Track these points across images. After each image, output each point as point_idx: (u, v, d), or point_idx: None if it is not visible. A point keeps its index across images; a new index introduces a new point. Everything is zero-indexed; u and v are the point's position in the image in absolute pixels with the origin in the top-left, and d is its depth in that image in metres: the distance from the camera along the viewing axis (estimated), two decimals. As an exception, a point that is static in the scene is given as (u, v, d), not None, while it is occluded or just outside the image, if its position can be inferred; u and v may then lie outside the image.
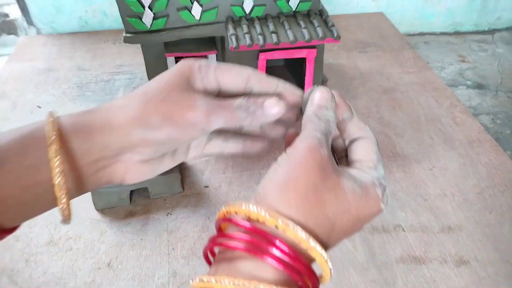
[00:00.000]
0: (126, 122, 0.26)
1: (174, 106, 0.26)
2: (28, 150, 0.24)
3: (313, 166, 0.25)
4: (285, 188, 0.24)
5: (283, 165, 0.25)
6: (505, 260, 0.55)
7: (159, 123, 0.26)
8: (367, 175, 0.27)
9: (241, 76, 0.29)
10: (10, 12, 1.13)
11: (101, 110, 0.27)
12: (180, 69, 0.28)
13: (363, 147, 0.29)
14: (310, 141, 0.25)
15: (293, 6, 0.64)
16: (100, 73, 0.93)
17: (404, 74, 0.92)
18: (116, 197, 0.61)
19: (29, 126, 0.25)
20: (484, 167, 0.69)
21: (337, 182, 0.25)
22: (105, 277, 0.53)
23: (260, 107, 0.27)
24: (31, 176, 0.24)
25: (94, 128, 0.26)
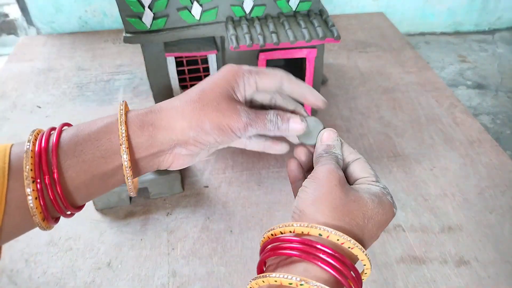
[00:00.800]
0: (186, 125, 0.31)
1: (223, 116, 0.31)
2: (101, 144, 0.30)
3: (336, 184, 0.30)
4: (317, 203, 0.30)
5: (310, 187, 0.31)
6: (505, 261, 0.55)
7: (210, 129, 0.31)
8: (375, 187, 0.32)
9: (276, 80, 0.34)
10: (10, 12, 1.13)
11: (164, 111, 0.32)
12: (226, 77, 0.33)
13: (360, 167, 0.34)
14: (329, 166, 0.32)
15: (293, 6, 0.64)
16: (100, 73, 0.93)
17: (404, 74, 0.92)
18: (116, 197, 0.61)
19: (103, 120, 0.31)
20: (485, 167, 0.69)
21: (357, 194, 0.30)
22: (105, 277, 0.53)
23: (287, 123, 0.33)
24: (101, 166, 0.30)
25: (157, 127, 0.31)
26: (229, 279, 0.53)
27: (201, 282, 0.53)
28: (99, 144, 0.30)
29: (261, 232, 0.58)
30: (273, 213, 0.61)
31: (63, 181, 0.29)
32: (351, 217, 0.29)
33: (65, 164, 0.29)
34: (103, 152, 0.30)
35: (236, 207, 0.62)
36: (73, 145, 0.29)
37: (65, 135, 0.30)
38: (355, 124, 0.78)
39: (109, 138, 0.30)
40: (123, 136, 0.30)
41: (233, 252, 0.56)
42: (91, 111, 0.82)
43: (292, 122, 0.34)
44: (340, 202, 0.30)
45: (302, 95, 0.35)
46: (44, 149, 0.29)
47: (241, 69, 0.33)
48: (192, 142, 0.32)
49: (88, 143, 0.29)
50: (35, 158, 0.28)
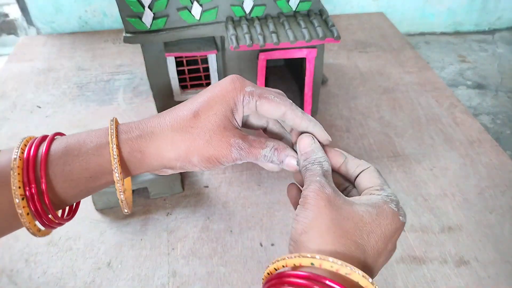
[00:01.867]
0: (173, 157, 0.31)
1: (214, 151, 0.31)
2: (91, 167, 0.30)
3: (324, 205, 0.28)
4: (308, 229, 0.28)
5: (300, 214, 0.29)
6: (505, 261, 0.55)
7: (197, 162, 0.31)
8: (377, 196, 0.30)
9: (278, 111, 0.32)
10: (10, 12, 1.13)
11: (154, 137, 0.31)
12: (225, 98, 0.31)
13: (366, 177, 0.32)
14: (313, 186, 0.29)
15: (293, 6, 0.64)
16: (100, 73, 0.93)
17: (404, 74, 0.92)
18: (116, 197, 0.61)
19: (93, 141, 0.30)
20: (485, 167, 0.69)
21: (351, 210, 0.28)
22: (105, 277, 0.53)
23: (282, 160, 0.32)
24: (89, 184, 0.30)
25: (146, 154, 0.31)
26: (229, 279, 0.53)
27: (201, 282, 0.53)
28: (88, 167, 0.30)
29: (261, 232, 0.58)
30: (273, 213, 0.61)
31: (50, 192, 0.29)
32: (347, 237, 0.27)
33: (53, 179, 0.29)
34: (92, 174, 0.30)
35: (236, 207, 0.62)
36: (61, 163, 0.29)
37: (55, 148, 0.30)
38: (355, 124, 0.78)
39: (98, 161, 0.30)
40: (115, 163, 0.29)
41: (233, 252, 0.56)
42: (91, 111, 0.82)
43: (287, 161, 0.32)
44: (332, 223, 0.27)
45: (305, 129, 0.33)
46: (33, 157, 0.29)
47: (243, 90, 0.32)
48: (178, 169, 0.32)
49: (76, 164, 0.29)
50: (23, 167, 0.28)
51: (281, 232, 0.58)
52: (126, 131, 0.31)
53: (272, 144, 0.32)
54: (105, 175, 0.30)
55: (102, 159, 0.30)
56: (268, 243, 0.57)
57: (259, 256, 0.55)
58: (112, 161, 0.29)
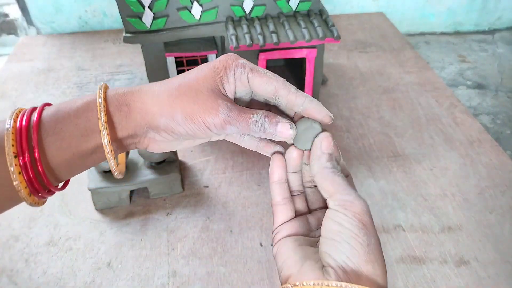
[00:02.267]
0: (157, 111, 0.30)
1: (198, 108, 0.29)
2: (80, 122, 0.29)
3: (377, 233, 0.28)
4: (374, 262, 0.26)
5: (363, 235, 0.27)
6: (505, 261, 0.55)
7: (181, 120, 0.29)
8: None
9: (270, 86, 0.30)
10: (10, 12, 1.13)
11: (141, 93, 0.30)
12: (217, 66, 0.30)
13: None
14: (365, 205, 0.28)
15: (293, 6, 0.64)
16: (100, 73, 0.93)
17: (404, 74, 0.92)
18: (116, 197, 0.61)
19: (83, 99, 0.30)
20: (485, 167, 0.69)
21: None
22: (105, 277, 0.53)
23: (274, 127, 0.30)
24: (81, 144, 0.29)
25: (132, 109, 0.30)
26: (229, 279, 0.53)
27: (201, 282, 0.53)
28: (78, 122, 0.29)
29: (261, 232, 0.58)
30: (273, 213, 0.61)
31: (43, 159, 0.29)
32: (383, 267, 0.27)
33: (46, 141, 0.29)
34: (82, 131, 0.29)
35: (236, 207, 0.62)
36: (53, 123, 0.29)
37: (46, 114, 0.29)
38: (355, 124, 0.78)
39: (87, 116, 0.29)
40: (102, 112, 0.29)
41: (233, 252, 0.56)
42: (91, 111, 0.82)
43: (280, 127, 0.30)
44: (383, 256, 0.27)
45: (303, 108, 0.30)
46: (25, 127, 0.28)
47: (235, 61, 0.30)
48: (163, 129, 0.30)
49: (67, 121, 0.29)
50: (16, 135, 0.28)
51: (281, 232, 0.58)
52: (114, 90, 0.31)
53: (262, 111, 0.30)
54: (95, 134, 0.29)
55: (91, 114, 0.29)
56: (268, 243, 0.57)
57: (259, 256, 0.55)
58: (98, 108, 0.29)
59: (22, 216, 0.61)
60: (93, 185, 0.59)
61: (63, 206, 0.62)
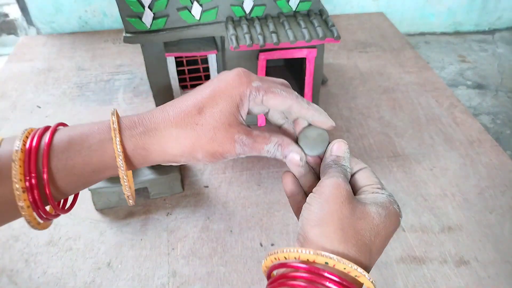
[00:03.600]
0: (178, 153, 0.31)
1: (217, 147, 0.31)
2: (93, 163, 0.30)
3: (342, 201, 0.29)
4: (323, 224, 0.28)
5: (314, 204, 0.29)
6: (505, 261, 0.55)
7: (202, 158, 0.31)
8: (382, 195, 0.31)
9: (285, 104, 0.32)
10: (10, 12, 1.13)
11: (158, 133, 0.30)
12: (231, 96, 0.31)
13: (364, 175, 0.33)
14: (335, 179, 0.30)
15: (293, 6, 0.64)
16: (100, 73, 0.93)
17: (404, 74, 0.92)
18: (116, 197, 0.61)
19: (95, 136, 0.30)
20: (485, 167, 0.69)
21: (364, 210, 0.29)
22: (105, 277, 0.53)
23: (285, 156, 0.32)
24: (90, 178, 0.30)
25: (150, 151, 0.31)
26: (229, 279, 0.53)
27: (201, 282, 0.53)
28: (91, 162, 0.29)
29: (261, 232, 0.58)
30: (273, 213, 0.61)
31: (52, 183, 0.29)
32: (358, 238, 0.28)
33: (56, 176, 0.29)
34: (95, 168, 0.30)
35: (236, 207, 0.62)
36: (64, 159, 0.29)
37: (57, 141, 0.29)
38: (355, 124, 0.78)
39: (101, 157, 0.30)
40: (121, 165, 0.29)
41: (233, 252, 0.56)
42: (91, 111, 0.82)
43: (290, 157, 0.32)
44: (347, 222, 0.28)
45: (311, 118, 0.33)
46: (35, 149, 0.28)
47: (249, 85, 0.31)
48: (182, 163, 0.32)
49: (79, 160, 0.29)
50: (25, 158, 0.28)
51: (281, 232, 0.58)
52: (129, 127, 0.30)
53: (276, 139, 0.32)
54: (108, 170, 0.30)
55: (105, 155, 0.30)
56: (268, 243, 0.57)
57: (259, 256, 0.55)
58: (117, 158, 0.29)
59: (22, 216, 0.61)
60: (93, 185, 0.59)
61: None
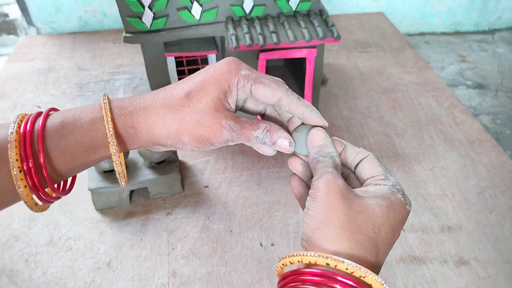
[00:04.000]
0: (164, 135, 0.31)
1: (203, 131, 0.31)
2: (86, 141, 0.30)
3: (337, 198, 0.28)
4: (322, 226, 0.28)
5: (312, 208, 0.29)
6: (505, 261, 0.55)
7: (188, 141, 0.31)
8: (383, 186, 0.30)
9: (274, 96, 0.32)
10: (10, 12, 1.13)
11: (146, 113, 0.31)
12: (219, 81, 0.31)
13: (368, 165, 0.32)
14: (325, 177, 0.29)
15: (293, 6, 0.64)
16: (100, 73, 0.93)
17: (404, 74, 0.92)
18: (116, 197, 0.61)
19: (87, 115, 0.30)
20: (485, 167, 0.69)
21: (362, 203, 0.29)
22: (105, 277, 0.53)
23: (274, 141, 0.32)
24: (84, 158, 0.31)
25: (138, 130, 0.31)
26: (229, 279, 0.53)
27: (201, 282, 0.53)
28: (84, 141, 0.30)
29: (261, 232, 0.58)
30: (273, 213, 0.61)
31: (48, 166, 0.29)
32: (361, 233, 0.28)
33: (50, 156, 0.29)
34: (87, 147, 0.30)
35: (236, 207, 0.62)
36: (57, 139, 0.30)
37: (50, 123, 0.30)
38: (355, 124, 0.78)
39: (92, 135, 0.30)
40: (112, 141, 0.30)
41: (233, 252, 0.56)
42: (91, 111, 0.82)
43: (280, 143, 0.32)
44: (346, 219, 0.28)
45: (302, 115, 0.33)
46: (29, 132, 0.29)
47: (238, 73, 0.31)
48: (169, 147, 0.32)
49: (72, 139, 0.30)
50: (20, 140, 0.28)
51: (281, 232, 0.58)
52: (119, 107, 0.31)
53: (265, 125, 0.31)
54: (100, 149, 0.31)
55: (97, 134, 0.30)
56: (268, 243, 0.57)
57: (259, 256, 0.55)
58: (108, 134, 0.30)
59: (22, 216, 0.61)
60: (93, 185, 0.59)
61: (63, 206, 0.62)
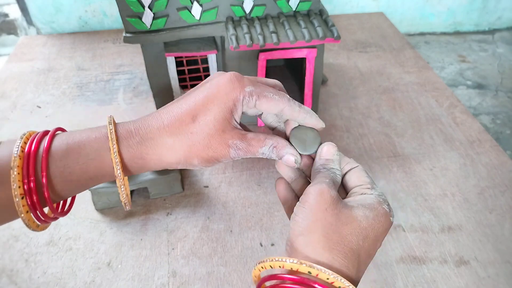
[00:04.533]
0: (174, 162, 0.32)
1: (213, 154, 0.31)
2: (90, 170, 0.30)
3: (326, 207, 0.29)
4: (306, 232, 0.28)
5: (300, 214, 0.29)
6: (505, 260, 0.55)
7: (197, 164, 0.32)
8: (370, 195, 0.31)
9: (277, 108, 0.33)
10: (10, 12, 1.13)
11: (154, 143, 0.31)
12: (224, 100, 0.31)
13: (355, 175, 0.33)
14: (319, 186, 0.30)
15: (293, 6, 0.64)
16: (100, 73, 0.93)
17: (404, 74, 0.92)
18: (116, 197, 0.61)
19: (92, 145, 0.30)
20: (485, 167, 0.69)
21: (350, 214, 0.29)
22: (105, 277, 0.53)
23: (281, 157, 0.32)
24: (87, 184, 0.31)
25: (147, 160, 0.31)
26: (229, 279, 0.53)
27: (201, 282, 0.53)
28: (89, 170, 0.30)
29: (261, 232, 0.58)
30: (273, 213, 0.61)
31: (49, 188, 0.29)
32: (344, 244, 0.28)
33: (53, 178, 0.29)
34: (92, 176, 0.30)
35: (236, 207, 0.62)
36: (62, 166, 0.29)
37: (55, 147, 0.30)
38: (355, 124, 0.78)
39: (98, 165, 0.30)
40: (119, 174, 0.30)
41: (233, 252, 0.56)
42: (91, 111, 0.82)
43: (286, 159, 0.32)
44: (331, 229, 0.28)
45: (303, 121, 0.34)
46: (34, 153, 0.29)
47: (242, 90, 0.31)
48: (178, 168, 0.33)
49: (76, 167, 0.30)
50: (23, 161, 0.29)
51: (281, 232, 0.58)
52: (126, 137, 0.31)
53: (271, 142, 0.32)
54: (105, 177, 0.31)
55: (103, 164, 0.30)
56: (268, 243, 0.57)
57: (259, 256, 0.55)
58: (115, 168, 0.30)
59: (22, 216, 0.61)
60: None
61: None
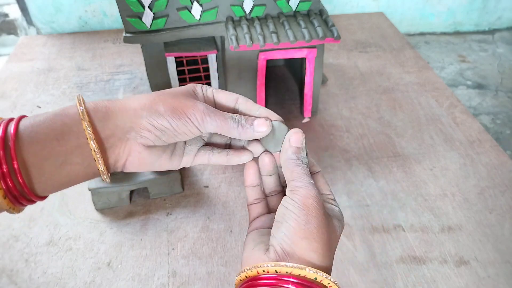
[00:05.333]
0: (138, 107, 0.31)
1: (179, 103, 0.31)
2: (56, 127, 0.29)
3: (322, 215, 0.29)
4: (310, 238, 0.29)
5: (302, 216, 0.29)
6: (505, 260, 0.55)
7: (163, 111, 0.31)
8: (336, 208, 0.33)
9: (231, 96, 0.35)
10: (10, 12, 1.13)
11: (119, 99, 0.32)
12: (186, 88, 0.34)
13: (321, 181, 0.34)
14: (314, 191, 0.30)
15: (293, 6, 0.64)
16: (100, 73, 0.93)
17: (404, 74, 0.92)
18: (116, 197, 0.61)
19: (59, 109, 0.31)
20: (485, 167, 0.69)
21: (332, 223, 0.31)
22: (105, 277, 0.53)
23: (251, 123, 0.33)
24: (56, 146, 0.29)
25: (110, 110, 0.31)
26: (229, 279, 0.53)
27: (201, 282, 0.53)
28: (54, 127, 0.29)
29: (261, 232, 0.58)
30: (273, 213, 0.61)
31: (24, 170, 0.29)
32: (331, 250, 0.30)
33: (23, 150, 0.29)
34: (58, 134, 0.29)
35: (236, 207, 0.62)
36: (28, 131, 0.29)
37: (22, 124, 0.30)
38: (355, 124, 0.78)
39: (63, 120, 0.30)
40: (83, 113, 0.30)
41: (233, 252, 0.56)
42: (91, 111, 0.82)
43: (257, 122, 0.32)
44: (327, 236, 0.29)
45: (259, 113, 0.34)
46: (2, 138, 0.29)
47: (200, 84, 0.35)
48: (145, 126, 0.31)
49: (42, 126, 0.29)
50: None
51: (281, 232, 0.58)
52: (93, 101, 0.32)
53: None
54: (71, 135, 0.30)
55: (68, 118, 0.30)
56: (268, 243, 0.57)
57: None
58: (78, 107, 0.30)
59: (22, 216, 0.61)
60: (93, 185, 0.59)
61: (63, 206, 0.62)
